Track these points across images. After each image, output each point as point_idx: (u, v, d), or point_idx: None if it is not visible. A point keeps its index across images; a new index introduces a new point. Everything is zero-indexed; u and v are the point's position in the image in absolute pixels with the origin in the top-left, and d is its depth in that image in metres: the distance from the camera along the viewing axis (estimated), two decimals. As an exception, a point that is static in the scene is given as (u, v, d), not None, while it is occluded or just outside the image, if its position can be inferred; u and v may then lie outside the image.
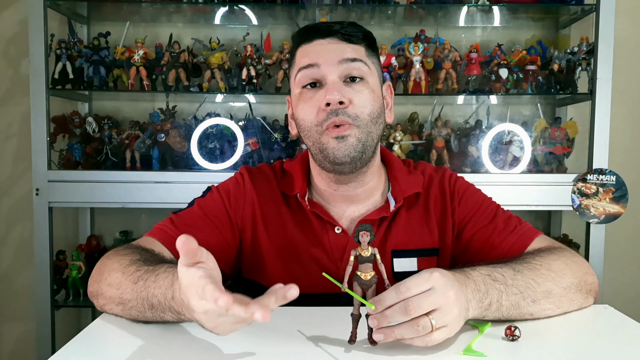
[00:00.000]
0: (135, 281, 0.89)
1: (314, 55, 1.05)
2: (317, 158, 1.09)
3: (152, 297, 0.85)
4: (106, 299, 0.94)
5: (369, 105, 1.05)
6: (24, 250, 2.27)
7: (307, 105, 1.06)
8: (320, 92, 1.04)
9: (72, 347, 0.82)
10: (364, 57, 1.07)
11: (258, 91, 2.04)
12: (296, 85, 1.08)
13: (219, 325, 0.71)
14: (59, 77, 1.98)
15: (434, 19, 2.23)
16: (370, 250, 0.79)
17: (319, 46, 1.06)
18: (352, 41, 1.06)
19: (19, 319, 2.31)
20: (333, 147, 1.04)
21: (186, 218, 1.12)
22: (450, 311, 0.77)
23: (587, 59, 1.97)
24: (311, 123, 1.06)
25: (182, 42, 2.08)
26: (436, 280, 0.78)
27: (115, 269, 0.94)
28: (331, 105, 1.02)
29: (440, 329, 0.77)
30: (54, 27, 2.07)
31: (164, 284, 0.84)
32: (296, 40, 1.11)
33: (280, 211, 1.15)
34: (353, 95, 1.04)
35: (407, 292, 0.76)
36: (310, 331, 0.87)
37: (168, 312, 0.84)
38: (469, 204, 1.16)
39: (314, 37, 1.07)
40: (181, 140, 2.01)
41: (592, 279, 1.02)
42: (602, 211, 1.93)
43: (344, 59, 1.04)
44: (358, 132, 1.04)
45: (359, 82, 1.06)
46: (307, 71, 1.05)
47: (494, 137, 2.01)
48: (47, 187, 1.91)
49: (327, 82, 1.04)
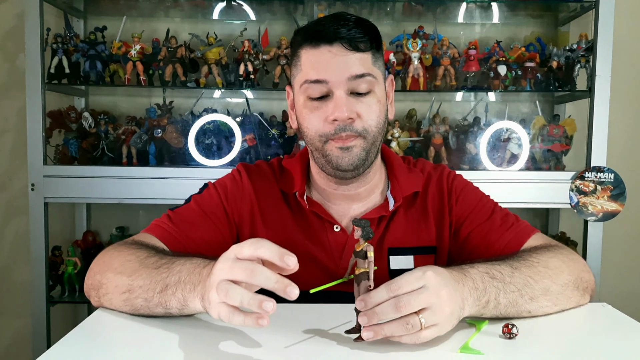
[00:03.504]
0: (158, 267, 0.89)
1: (322, 71, 1.02)
2: (319, 162, 1.09)
3: (172, 276, 0.85)
4: (109, 288, 0.93)
5: (376, 117, 1.05)
6: (19, 246, 2.26)
7: (313, 116, 1.05)
8: (328, 106, 1.03)
9: (67, 342, 0.81)
10: (370, 68, 1.04)
11: (255, 87, 2.03)
12: (301, 92, 1.06)
13: (229, 295, 0.71)
14: (55, 72, 1.97)
15: (432, 15, 2.22)
16: (362, 246, 0.78)
17: (327, 55, 1.03)
18: (359, 48, 1.03)
19: (15, 314, 2.30)
20: (337, 155, 1.04)
21: (183, 214, 1.11)
22: (441, 310, 0.77)
23: (586, 56, 1.97)
24: (316, 133, 1.05)
25: (179, 37, 2.07)
26: (428, 279, 0.77)
27: (130, 260, 0.94)
28: (339, 121, 1.02)
29: (430, 327, 0.76)
30: (50, 21, 2.05)
31: (196, 261, 0.85)
32: (300, 38, 1.07)
33: (279, 209, 1.15)
34: (361, 109, 1.03)
35: (399, 289, 0.76)
36: (309, 327, 0.86)
37: (178, 293, 0.83)
38: (466, 201, 1.16)
39: (320, 42, 1.03)
40: (178, 136, 2.00)
41: (588, 277, 1.02)
42: (600, 209, 1.93)
43: (353, 76, 1.02)
44: (364, 143, 1.05)
45: (367, 95, 1.04)
46: (316, 86, 1.03)
47: (492, 134, 2.00)
48: (43, 183, 1.90)
49: (334, 95, 1.02)
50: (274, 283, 0.70)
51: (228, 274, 0.73)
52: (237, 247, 0.75)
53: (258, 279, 0.70)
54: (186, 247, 1.07)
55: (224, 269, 0.74)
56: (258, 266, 0.71)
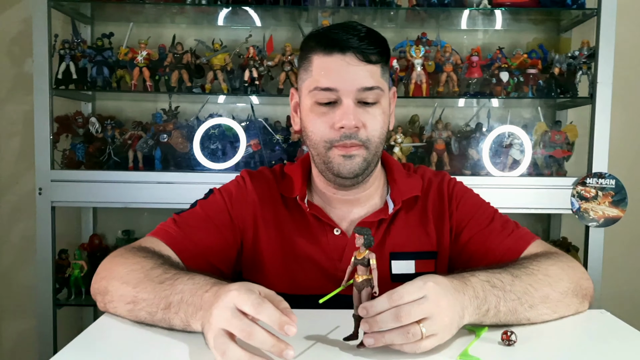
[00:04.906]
0: (162, 281, 0.89)
1: (333, 79, 1.04)
2: (320, 168, 1.11)
3: (175, 295, 0.85)
4: (114, 296, 0.94)
5: (380, 127, 1.08)
6: (26, 249, 2.28)
7: (319, 121, 1.07)
8: (335, 113, 1.05)
9: (74, 347, 0.82)
10: (379, 80, 1.07)
11: (260, 93, 2.05)
12: (309, 96, 1.08)
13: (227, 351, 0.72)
14: (62, 77, 1.99)
15: (435, 22, 2.23)
16: (364, 253, 0.80)
17: (339, 64, 1.04)
18: (370, 60, 1.05)
19: (21, 316, 2.32)
20: (339, 163, 1.07)
21: (188, 219, 1.14)
22: (441, 320, 0.79)
23: (587, 62, 1.98)
24: (320, 139, 1.07)
25: (185, 43, 2.09)
26: (429, 289, 0.79)
27: (135, 270, 0.94)
28: (345, 128, 1.04)
29: (430, 337, 0.78)
30: (57, 27, 2.07)
31: (199, 282, 0.85)
32: (313, 43, 1.09)
33: (279, 213, 1.17)
34: (367, 119, 1.06)
35: (400, 299, 0.77)
36: (308, 333, 0.87)
37: (181, 313, 0.84)
38: (466, 207, 1.17)
39: (333, 50, 1.05)
40: (183, 141, 2.02)
41: (587, 284, 1.03)
42: (602, 215, 1.94)
43: (362, 88, 1.04)
44: (366, 153, 1.07)
45: (373, 106, 1.07)
46: (326, 93, 1.05)
47: (494, 140, 2.01)
48: (49, 187, 1.92)
49: (343, 103, 1.05)
50: (270, 347, 0.71)
51: (226, 325, 0.73)
52: (239, 298, 0.75)
53: (254, 342, 0.72)
54: (191, 251, 1.09)
55: (224, 319, 0.74)
56: (255, 328, 0.72)
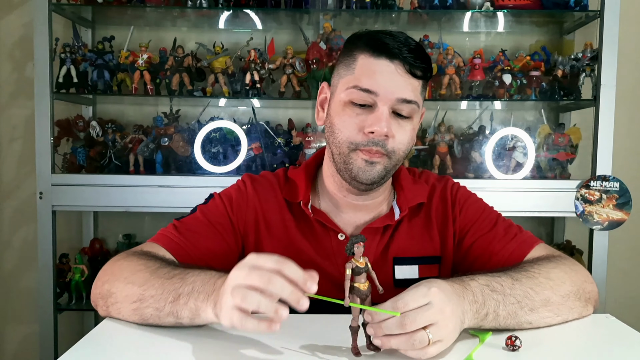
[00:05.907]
0: (171, 277, 0.90)
1: (375, 82, 1.03)
2: (339, 167, 1.09)
3: (186, 286, 0.87)
4: (119, 297, 0.94)
5: (407, 142, 1.07)
6: (27, 253, 2.28)
7: (350, 121, 1.05)
8: (368, 117, 1.03)
9: (75, 352, 0.82)
10: (418, 97, 1.05)
11: (261, 96, 2.04)
12: (346, 93, 1.06)
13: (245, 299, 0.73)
14: (63, 81, 1.99)
15: (437, 24, 2.23)
16: (364, 260, 0.79)
17: (385, 69, 1.03)
18: (415, 74, 1.04)
19: (22, 321, 2.32)
20: (359, 167, 1.05)
21: (189, 224, 1.13)
22: (445, 326, 0.78)
23: (591, 65, 1.97)
24: (347, 138, 1.05)
25: (186, 46, 2.09)
26: (434, 296, 0.78)
27: (141, 270, 0.95)
28: (375, 134, 1.03)
29: (436, 343, 0.78)
30: (58, 31, 2.07)
31: (211, 273, 0.87)
32: (362, 43, 1.06)
33: (283, 218, 1.16)
34: (397, 130, 1.04)
35: (405, 306, 0.77)
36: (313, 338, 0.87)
37: (191, 303, 0.85)
38: (469, 212, 1.16)
39: (381, 54, 1.03)
40: (184, 145, 2.02)
41: (591, 287, 1.02)
42: (606, 218, 1.93)
43: (401, 99, 1.03)
44: (388, 162, 1.06)
45: (406, 119, 1.06)
46: (364, 94, 1.03)
47: (497, 143, 2.00)
48: (50, 191, 1.91)
49: (378, 109, 1.03)
50: (289, 293, 0.72)
51: (244, 279, 0.74)
52: (257, 259, 0.76)
53: (274, 287, 0.72)
54: (192, 257, 1.08)
55: (240, 275, 0.75)
56: (275, 275, 0.73)
